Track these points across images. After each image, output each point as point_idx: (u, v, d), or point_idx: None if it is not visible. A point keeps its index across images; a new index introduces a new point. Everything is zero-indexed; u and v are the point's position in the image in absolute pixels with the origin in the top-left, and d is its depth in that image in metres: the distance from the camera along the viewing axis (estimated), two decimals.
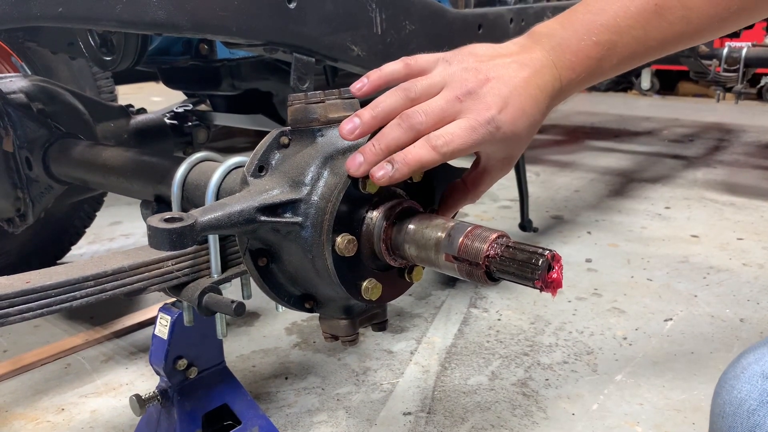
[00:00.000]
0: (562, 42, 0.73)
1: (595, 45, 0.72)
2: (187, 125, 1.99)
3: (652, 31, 0.73)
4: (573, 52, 0.73)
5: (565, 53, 0.73)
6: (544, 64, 0.72)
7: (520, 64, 0.71)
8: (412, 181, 0.80)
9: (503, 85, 0.69)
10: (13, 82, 1.56)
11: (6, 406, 1.57)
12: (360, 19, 1.26)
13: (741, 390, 0.65)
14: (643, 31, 0.73)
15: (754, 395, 0.63)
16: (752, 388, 0.64)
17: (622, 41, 0.73)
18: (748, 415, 0.63)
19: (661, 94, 6.29)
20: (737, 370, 0.68)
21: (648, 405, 1.51)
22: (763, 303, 2.01)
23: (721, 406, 0.67)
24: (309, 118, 0.83)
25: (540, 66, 0.72)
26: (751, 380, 0.65)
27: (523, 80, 0.70)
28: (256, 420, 1.30)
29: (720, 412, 0.67)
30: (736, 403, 0.65)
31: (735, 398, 0.65)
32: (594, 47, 0.72)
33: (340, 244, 0.73)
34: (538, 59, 0.72)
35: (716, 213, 2.90)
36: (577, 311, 1.98)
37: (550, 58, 0.73)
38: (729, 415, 0.65)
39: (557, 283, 0.63)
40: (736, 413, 0.64)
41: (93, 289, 0.98)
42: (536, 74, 0.71)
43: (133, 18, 0.93)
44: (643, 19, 0.72)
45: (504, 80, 0.70)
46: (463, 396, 1.56)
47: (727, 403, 0.66)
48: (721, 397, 0.68)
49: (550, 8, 1.86)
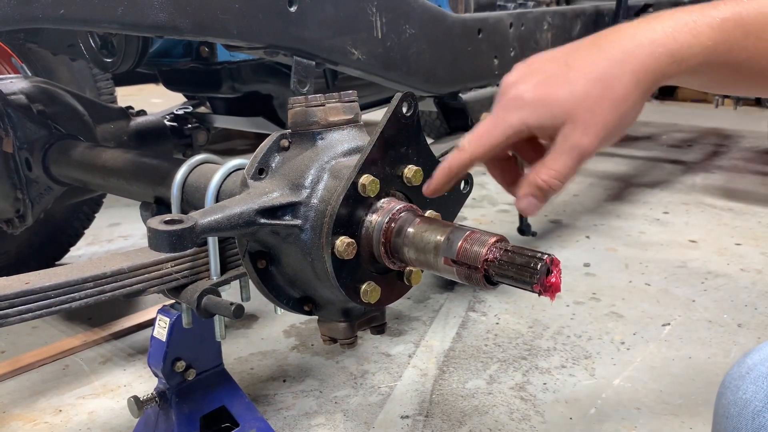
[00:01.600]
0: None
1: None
2: (186, 127, 1.99)
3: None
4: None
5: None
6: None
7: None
8: (411, 184, 0.81)
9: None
10: (14, 83, 1.57)
11: (4, 407, 1.57)
12: (360, 22, 1.26)
13: (746, 391, 0.65)
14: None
15: (759, 396, 0.63)
16: (758, 389, 0.64)
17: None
18: (753, 416, 0.63)
19: (660, 99, 6.29)
20: (742, 371, 0.67)
21: (645, 410, 1.51)
22: (760, 308, 2.01)
23: (725, 406, 0.67)
24: (309, 121, 0.84)
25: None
26: (757, 381, 0.64)
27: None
28: (254, 422, 1.30)
29: (724, 412, 0.67)
30: (741, 404, 0.64)
31: (740, 399, 0.65)
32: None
33: (340, 247, 0.74)
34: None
35: (714, 218, 2.90)
36: (575, 315, 1.98)
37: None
38: (734, 416, 0.65)
39: (556, 287, 0.63)
40: (741, 414, 0.64)
41: (92, 291, 0.98)
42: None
43: (135, 20, 0.93)
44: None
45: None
46: (461, 400, 1.56)
47: (731, 404, 0.66)
48: (726, 398, 0.67)
49: (550, 13, 1.87)
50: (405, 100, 0.79)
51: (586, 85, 0.65)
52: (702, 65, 0.65)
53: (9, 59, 2.07)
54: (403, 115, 0.79)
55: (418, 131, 0.82)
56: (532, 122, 0.67)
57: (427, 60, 1.47)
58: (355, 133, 0.86)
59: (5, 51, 2.06)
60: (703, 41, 0.64)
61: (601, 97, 0.65)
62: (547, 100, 0.66)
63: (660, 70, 0.65)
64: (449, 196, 0.86)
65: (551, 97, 0.66)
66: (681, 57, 0.65)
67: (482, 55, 1.66)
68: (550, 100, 0.66)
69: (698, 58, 0.65)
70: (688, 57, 0.65)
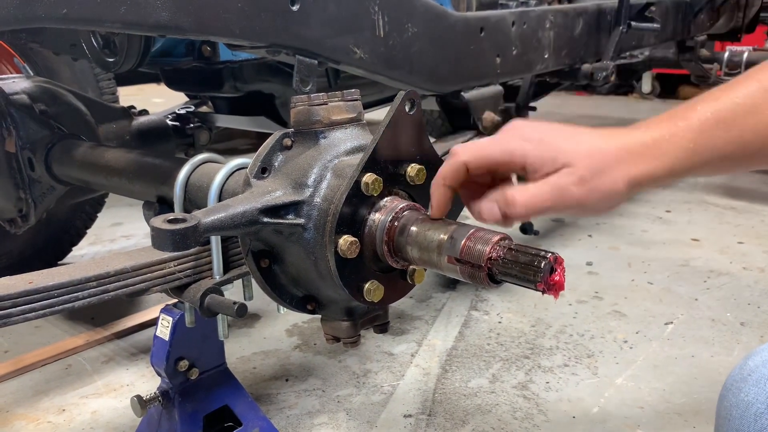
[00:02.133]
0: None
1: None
2: (189, 127, 1.99)
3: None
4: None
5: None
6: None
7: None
8: (414, 183, 0.80)
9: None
10: (16, 83, 1.57)
11: (7, 406, 1.57)
12: (363, 21, 1.26)
13: (748, 393, 0.65)
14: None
15: (761, 398, 0.63)
16: (759, 392, 0.64)
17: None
18: (755, 418, 0.63)
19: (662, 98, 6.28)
20: (744, 373, 0.67)
21: (649, 408, 1.51)
22: (763, 307, 2.01)
23: (727, 409, 0.67)
24: (312, 120, 0.83)
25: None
26: (759, 383, 0.64)
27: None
28: (257, 421, 1.30)
29: (726, 415, 0.67)
30: (743, 407, 0.64)
31: (742, 401, 0.65)
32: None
33: (343, 246, 0.74)
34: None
35: (717, 217, 2.90)
36: (577, 314, 1.98)
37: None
38: (736, 418, 0.65)
39: (559, 285, 0.63)
40: (743, 417, 0.64)
41: (95, 290, 0.98)
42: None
43: (137, 19, 0.93)
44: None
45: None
46: (464, 398, 1.56)
47: (733, 407, 0.66)
48: (728, 400, 0.67)
49: (552, 11, 1.86)
50: (408, 98, 0.79)
51: (591, 149, 0.69)
52: (694, 167, 0.70)
53: (11, 59, 2.07)
54: (406, 113, 0.79)
55: (421, 130, 0.82)
56: (532, 156, 0.69)
57: (429, 59, 1.46)
58: (358, 132, 0.86)
59: (7, 51, 2.06)
60: (689, 148, 0.69)
61: (600, 172, 0.69)
62: (553, 145, 0.70)
63: (654, 180, 0.70)
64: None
65: (557, 144, 0.70)
66: (672, 170, 0.69)
67: (484, 53, 1.66)
68: (556, 146, 0.69)
69: (688, 163, 0.70)
70: (678, 169, 0.70)
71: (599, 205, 0.69)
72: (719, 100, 0.69)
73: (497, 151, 0.71)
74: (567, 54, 1.98)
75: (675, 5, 2.64)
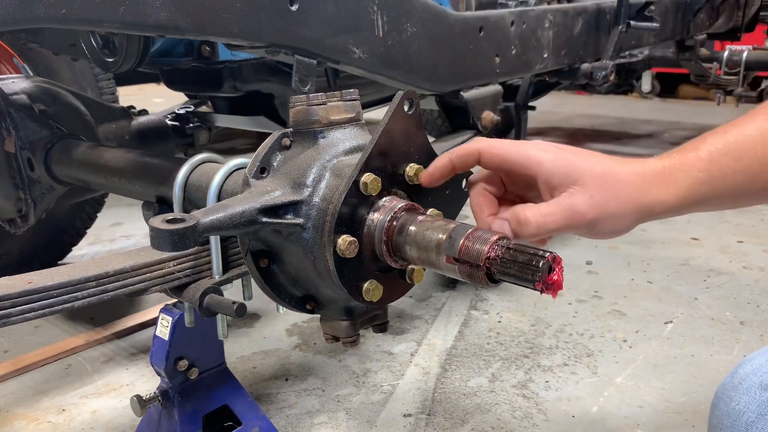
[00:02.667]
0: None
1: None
2: (188, 127, 1.99)
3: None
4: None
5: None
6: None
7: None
8: (413, 182, 0.81)
9: None
10: (16, 83, 1.57)
11: (7, 406, 1.57)
12: (362, 21, 1.26)
13: (739, 401, 0.65)
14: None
15: (752, 407, 0.63)
16: (750, 400, 0.64)
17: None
18: (746, 427, 0.63)
19: (662, 97, 6.28)
20: (735, 382, 0.67)
21: (648, 408, 1.51)
22: (763, 306, 2.01)
23: (719, 417, 0.67)
24: (311, 120, 0.83)
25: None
26: (749, 392, 0.64)
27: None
28: (257, 421, 1.30)
29: (718, 423, 0.67)
30: (735, 415, 0.64)
31: (733, 410, 0.65)
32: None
33: (342, 246, 0.74)
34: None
35: (716, 216, 2.90)
36: (577, 313, 1.98)
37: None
38: (727, 427, 0.65)
39: (558, 284, 0.63)
40: (735, 425, 0.64)
41: (95, 290, 0.98)
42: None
43: (136, 19, 0.93)
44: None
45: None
46: (464, 398, 1.56)
47: (725, 415, 0.66)
48: (720, 409, 0.68)
49: (551, 11, 1.86)
50: (407, 98, 0.79)
51: (605, 170, 0.70)
52: (706, 198, 0.72)
53: (11, 59, 2.07)
54: (404, 113, 0.79)
55: (420, 130, 0.82)
56: (547, 166, 0.71)
57: (428, 58, 1.46)
58: (357, 132, 0.86)
59: (7, 51, 2.06)
60: (699, 177, 0.70)
61: (611, 195, 0.70)
62: (569, 159, 0.71)
63: (666, 209, 0.73)
64: (451, 194, 0.86)
65: (573, 159, 0.71)
66: (684, 200, 0.72)
67: (483, 53, 1.65)
68: (571, 161, 0.71)
69: (699, 194, 0.71)
70: (689, 200, 0.72)
71: (607, 228, 0.71)
72: (728, 133, 0.71)
73: (514, 152, 0.72)
74: (566, 53, 1.98)
75: (674, 4, 2.65)
